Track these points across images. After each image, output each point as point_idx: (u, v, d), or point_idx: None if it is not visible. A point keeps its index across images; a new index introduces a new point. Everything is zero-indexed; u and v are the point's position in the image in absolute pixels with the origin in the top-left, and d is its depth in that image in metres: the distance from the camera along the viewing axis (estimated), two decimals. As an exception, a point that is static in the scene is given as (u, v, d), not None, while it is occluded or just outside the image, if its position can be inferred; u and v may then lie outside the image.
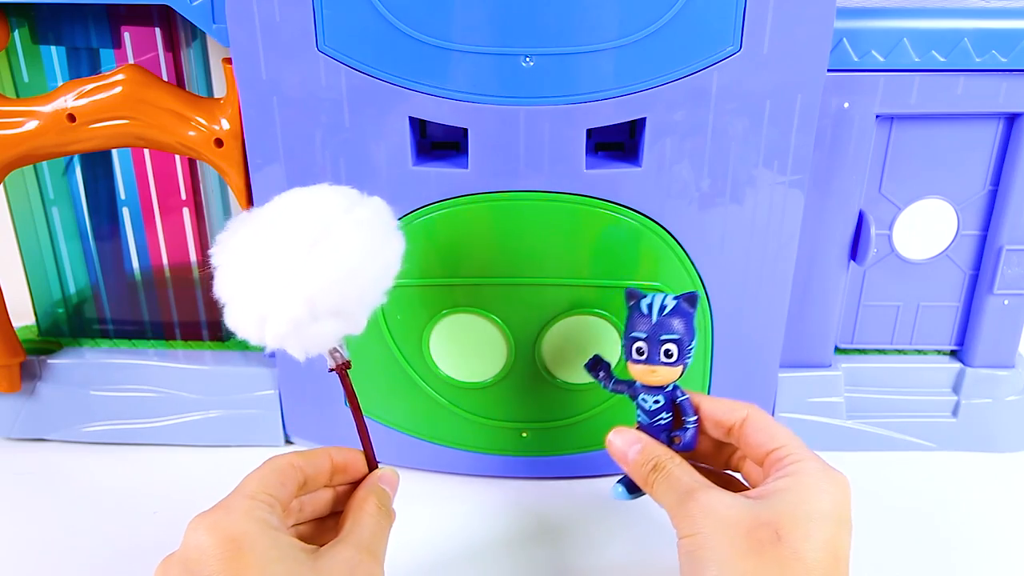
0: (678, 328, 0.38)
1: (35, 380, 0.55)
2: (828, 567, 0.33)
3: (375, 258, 0.35)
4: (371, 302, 0.36)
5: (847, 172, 0.48)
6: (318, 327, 0.34)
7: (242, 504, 0.33)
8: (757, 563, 0.32)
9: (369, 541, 0.35)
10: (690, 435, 0.40)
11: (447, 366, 0.49)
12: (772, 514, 0.34)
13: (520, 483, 0.52)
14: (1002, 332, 0.53)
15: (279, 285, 0.34)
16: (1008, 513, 0.50)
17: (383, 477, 0.39)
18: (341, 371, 0.38)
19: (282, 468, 0.36)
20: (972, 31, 0.45)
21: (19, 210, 0.55)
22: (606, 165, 0.45)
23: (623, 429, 0.41)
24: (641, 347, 0.39)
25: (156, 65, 0.51)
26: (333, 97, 0.43)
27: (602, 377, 0.43)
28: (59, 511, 0.50)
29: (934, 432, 0.55)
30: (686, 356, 0.39)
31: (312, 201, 0.36)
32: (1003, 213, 0.50)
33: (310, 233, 0.34)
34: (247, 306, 0.34)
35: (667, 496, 0.37)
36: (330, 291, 0.34)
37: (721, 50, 0.41)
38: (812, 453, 0.36)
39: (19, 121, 0.47)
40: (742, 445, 0.39)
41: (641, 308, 0.39)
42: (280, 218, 0.35)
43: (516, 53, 0.41)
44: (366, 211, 0.36)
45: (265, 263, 0.34)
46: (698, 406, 0.40)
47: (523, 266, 0.46)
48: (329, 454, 0.38)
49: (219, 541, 0.31)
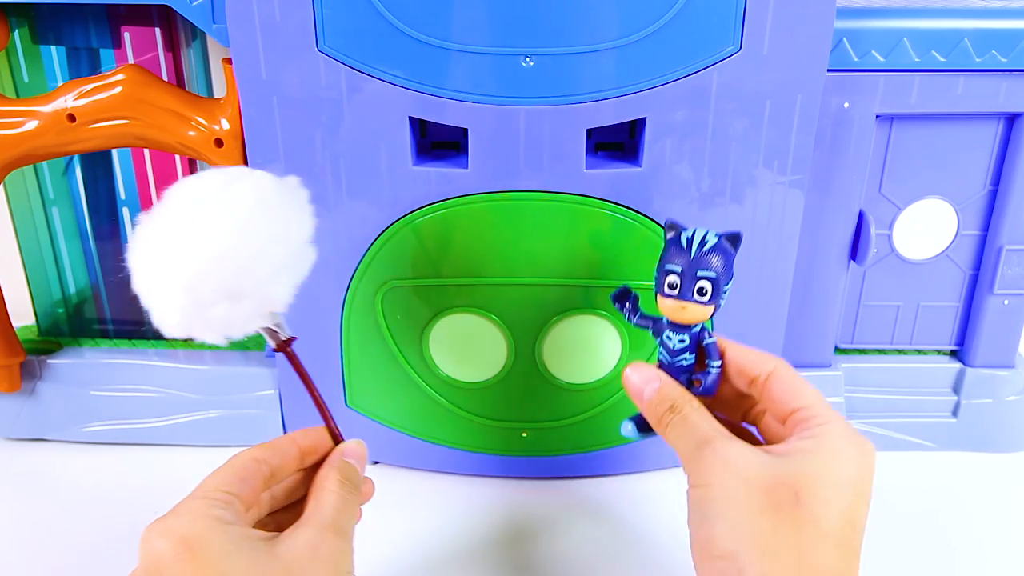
0: (716, 265, 0.36)
1: (35, 380, 0.55)
2: (844, 535, 0.32)
3: (253, 232, 0.34)
4: (274, 277, 0.35)
5: (847, 172, 0.48)
6: (216, 313, 0.33)
7: (193, 505, 0.33)
8: (772, 523, 0.31)
9: (332, 518, 0.34)
10: (712, 379, 0.37)
11: (447, 366, 0.49)
12: (793, 474, 0.32)
13: (520, 483, 0.52)
14: (1002, 332, 0.53)
15: (158, 277, 0.33)
16: (1008, 513, 0.50)
17: (347, 451, 0.38)
18: (282, 349, 0.37)
19: (243, 464, 0.35)
20: (972, 31, 0.45)
21: (19, 210, 0.55)
22: (606, 165, 0.45)
23: (641, 365, 0.38)
24: (674, 281, 0.36)
25: (156, 65, 0.51)
26: (333, 97, 0.43)
27: (627, 310, 0.40)
28: (59, 511, 0.50)
29: (934, 432, 0.55)
30: (720, 296, 0.36)
31: (188, 187, 0.35)
32: (1003, 213, 0.50)
33: (180, 219, 0.34)
34: (148, 304, 0.34)
35: (682, 441, 0.35)
36: (207, 274, 0.33)
37: (721, 50, 0.41)
38: (839, 416, 0.34)
39: (19, 121, 0.47)
40: (765, 399, 0.36)
41: (680, 241, 0.36)
42: (160, 210, 0.35)
43: (516, 53, 0.41)
44: (244, 187, 0.35)
45: (148, 260, 0.34)
46: (724, 351, 0.38)
47: (523, 266, 0.46)
48: (294, 440, 0.37)
49: (172, 544, 0.31)
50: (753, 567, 0.31)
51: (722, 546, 0.31)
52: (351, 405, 0.52)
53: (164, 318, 0.34)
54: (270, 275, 0.34)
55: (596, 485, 0.52)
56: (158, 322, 0.34)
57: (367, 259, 0.47)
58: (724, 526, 0.32)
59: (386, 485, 0.53)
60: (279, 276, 0.35)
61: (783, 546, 0.31)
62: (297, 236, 0.36)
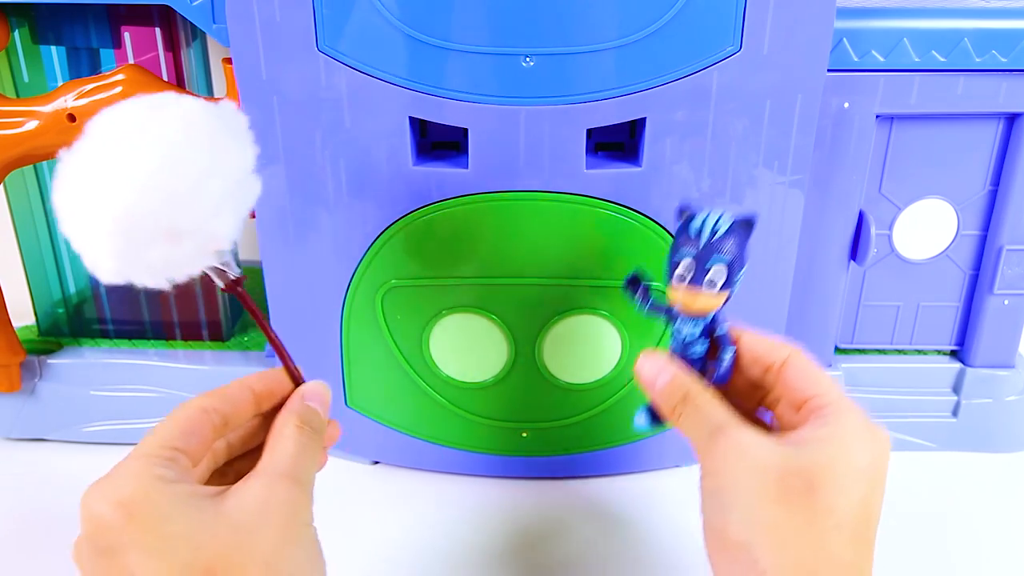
0: (729, 251, 0.34)
1: (35, 380, 0.55)
2: (859, 526, 0.31)
3: (184, 161, 0.30)
4: (215, 211, 0.31)
5: (847, 172, 0.48)
6: (156, 253, 0.31)
7: (133, 466, 0.31)
8: (786, 512, 0.30)
9: (288, 465, 0.32)
10: (725, 368, 0.36)
11: (447, 366, 0.49)
12: (807, 463, 0.31)
13: (520, 483, 0.52)
14: (1002, 332, 0.53)
15: (87, 220, 0.30)
16: (1008, 513, 0.50)
17: (307, 393, 0.36)
18: (231, 289, 0.35)
19: (188, 416, 0.33)
20: (972, 31, 0.45)
21: (19, 210, 0.55)
22: (606, 165, 0.45)
23: (653, 354, 0.37)
24: (685, 271, 0.35)
25: (156, 65, 0.51)
26: (333, 97, 0.43)
27: (639, 297, 0.39)
28: (59, 511, 0.50)
29: (934, 432, 0.55)
30: (733, 284, 0.35)
31: (109, 118, 0.32)
32: (1003, 213, 0.50)
33: (105, 154, 0.30)
34: (80, 249, 0.31)
35: (695, 430, 0.34)
36: (137, 210, 0.30)
37: (721, 50, 0.41)
38: (855, 405, 0.33)
39: (19, 121, 0.47)
40: (780, 387, 0.35)
41: (692, 226, 0.35)
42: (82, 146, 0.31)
43: (516, 53, 0.41)
44: (170, 113, 0.32)
45: (73, 199, 0.31)
46: (737, 340, 0.36)
47: (523, 266, 0.46)
48: (248, 384, 0.35)
49: (111, 508, 0.29)
50: (767, 558, 0.30)
51: (735, 536, 0.31)
52: (351, 405, 0.52)
53: (98, 262, 0.31)
54: (209, 209, 0.31)
55: (596, 485, 0.52)
56: (92, 267, 0.31)
57: (367, 259, 0.47)
58: (737, 515, 0.31)
59: (386, 485, 0.53)
60: (220, 210, 0.32)
61: (797, 536, 0.30)
62: (236, 166, 0.32)
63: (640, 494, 0.52)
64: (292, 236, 0.47)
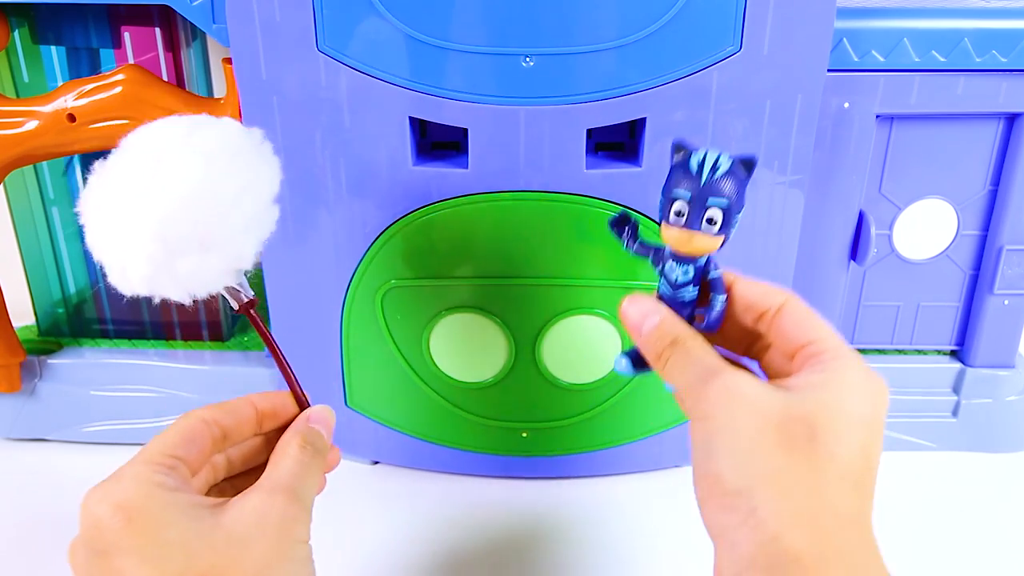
0: (729, 192, 0.32)
1: (35, 380, 0.55)
2: (861, 475, 0.30)
3: (223, 179, 0.32)
4: (243, 229, 0.33)
5: (847, 172, 0.48)
6: (186, 264, 0.32)
7: (134, 470, 0.31)
8: (787, 459, 0.29)
9: (288, 482, 0.32)
10: (716, 314, 0.34)
11: (447, 366, 0.49)
12: (807, 409, 0.30)
13: (520, 483, 0.52)
14: (1002, 332, 0.53)
15: (124, 226, 0.31)
16: (1008, 513, 0.50)
17: (313, 416, 0.36)
18: (245, 311, 0.36)
19: (189, 426, 0.33)
20: (972, 31, 0.45)
21: (19, 210, 0.55)
22: (606, 165, 0.45)
23: (639, 297, 0.35)
24: (681, 208, 0.33)
25: (156, 65, 0.51)
26: (333, 97, 0.43)
27: (626, 236, 0.37)
28: (59, 511, 0.50)
29: (934, 432, 0.55)
30: (731, 226, 0.33)
31: (150, 134, 0.33)
32: (1003, 213, 0.50)
33: (147, 165, 0.32)
34: (108, 257, 0.32)
35: (684, 375, 0.32)
36: (176, 218, 0.31)
37: (721, 50, 0.41)
38: (853, 351, 0.32)
39: (19, 121, 0.47)
40: (774, 334, 0.34)
41: (690, 164, 0.33)
42: (120, 158, 0.33)
43: (516, 53, 0.41)
44: (211, 133, 0.33)
45: (109, 210, 0.32)
46: (730, 285, 0.35)
47: (523, 266, 0.46)
48: (252, 402, 0.36)
49: (110, 511, 0.30)
50: (767, 505, 0.29)
51: (732, 482, 0.29)
52: (351, 405, 0.52)
53: (129, 270, 0.32)
54: (239, 227, 0.33)
55: (596, 485, 0.52)
56: (120, 278, 0.32)
57: (367, 259, 0.47)
58: (734, 461, 0.30)
59: (386, 485, 0.53)
60: (248, 229, 0.33)
61: (798, 484, 0.29)
62: (267, 189, 0.34)
63: (640, 494, 0.52)
64: (292, 236, 0.47)
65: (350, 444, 0.52)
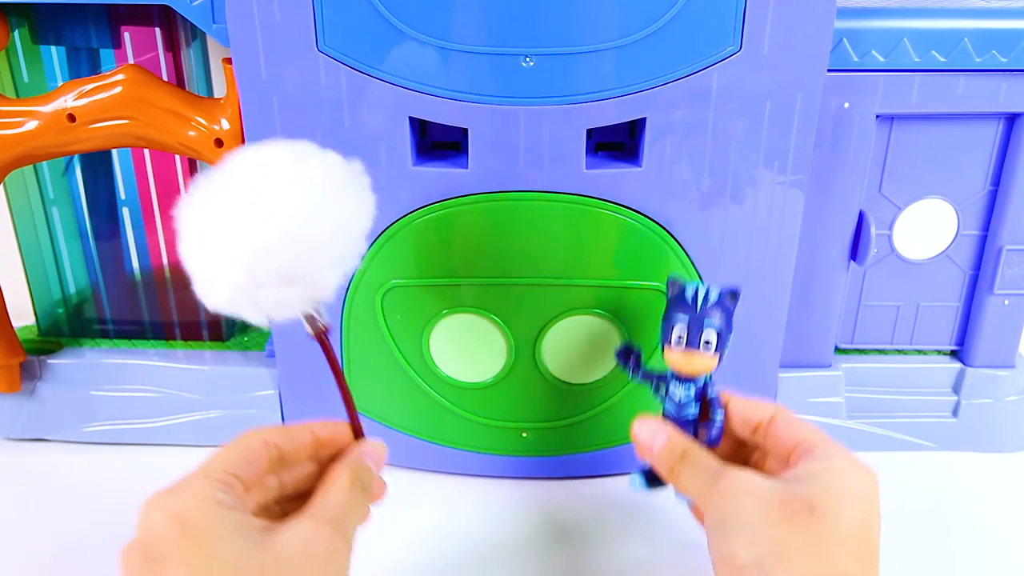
0: (720, 318, 0.38)
1: (35, 380, 0.55)
2: (861, 543, 0.33)
3: (322, 218, 0.33)
4: (329, 265, 0.34)
5: (847, 172, 0.48)
6: (269, 293, 0.32)
7: (194, 483, 0.32)
8: (790, 530, 0.32)
9: (335, 514, 0.34)
10: (717, 430, 0.39)
11: (447, 366, 0.49)
12: (805, 489, 0.34)
13: (520, 483, 0.52)
14: (1002, 332, 0.53)
15: (218, 250, 0.32)
16: (1008, 513, 0.50)
17: (366, 450, 0.38)
18: (319, 337, 0.37)
19: (250, 445, 0.34)
20: (972, 31, 0.45)
21: (19, 210, 0.55)
22: (606, 165, 0.45)
23: (647, 419, 0.40)
24: (682, 333, 0.39)
25: (156, 65, 0.51)
26: (333, 97, 0.43)
27: (632, 366, 0.42)
28: (59, 511, 0.50)
29: (934, 432, 0.55)
30: (724, 348, 0.39)
31: (257, 159, 0.34)
32: (1003, 213, 0.50)
33: (249, 193, 0.32)
34: (198, 272, 0.33)
35: (695, 481, 0.37)
36: (270, 254, 0.32)
37: (721, 50, 0.41)
38: (842, 447, 0.36)
39: (19, 121, 0.47)
40: (769, 441, 0.38)
41: (685, 295, 0.39)
42: (225, 179, 0.33)
43: (516, 53, 0.41)
44: (315, 166, 0.34)
45: (206, 228, 0.33)
46: (726, 403, 0.40)
47: (523, 266, 0.46)
48: (311, 428, 0.37)
49: (168, 520, 0.30)
50: (776, 572, 0.32)
51: (745, 558, 0.33)
52: (351, 405, 0.52)
53: (213, 292, 0.33)
54: (326, 263, 0.33)
55: (596, 485, 0.52)
56: (203, 292, 0.33)
57: (367, 259, 0.47)
58: (745, 539, 0.33)
59: (386, 485, 0.53)
60: (335, 265, 0.34)
61: (803, 552, 0.32)
62: (360, 227, 0.35)
63: (640, 494, 0.52)
64: (292, 236, 0.47)
65: (350, 444, 0.52)
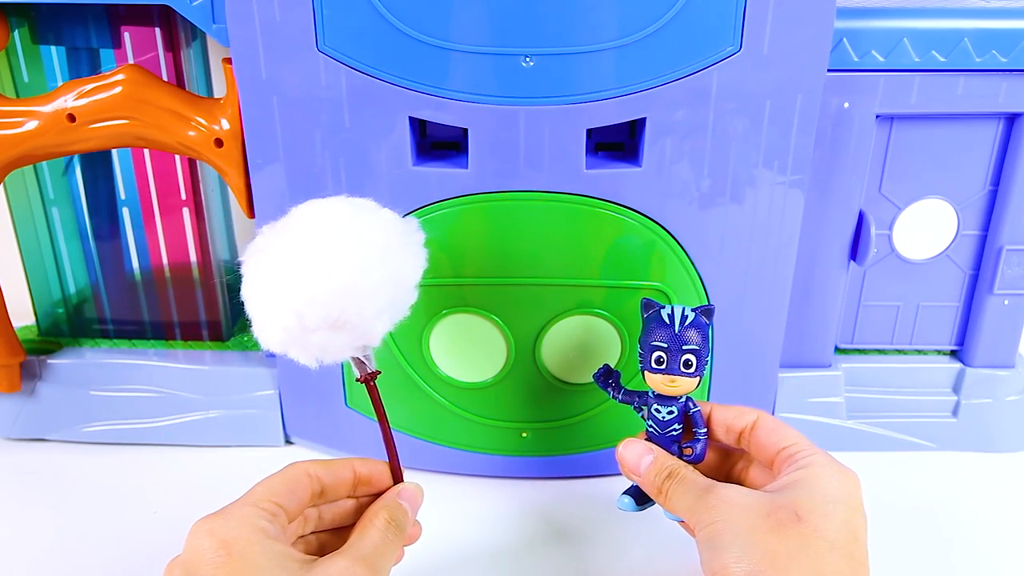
0: (698, 339, 0.39)
1: (35, 380, 0.55)
2: (848, 545, 0.34)
3: (372, 271, 0.35)
4: (378, 315, 0.36)
5: (847, 172, 0.48)
6: (317, 338, 0.34)
7: (241, 511, 0.34)
8: (779, 540, 0.33)
9: (370, 553, 0.35)
10: (701, 447, 0.40)
11: (447, 366, 0.49)
12: (790, 500, 0.35)
13: (520, 483, 0.52)
14: (1002, 332, 0.53)
15: (271, 295, 0.34)
16: (1008, 513, 0.50)
17: (403, 492, 0.39)
18: (366, 381, 0.38)
19: (295, 477, 0.36)
20: (972, 31, 0.45)
21: (19, 210, 0.55)
22: (606, 165, 0.45)
23: (632, 441, 0.41)
24: (661, 357, 0.39)
25: (156, 65, 0.51)
26: (333, 97, 0.43)
27: (611, 387, 0.43)
28: (59, 511, 0.50)
29: (934, 432, 0.55)
30: (703, 367, 0.39)
31: (317, 213, 0.36)
32: (1003, 213, 0.50)
33: (305, 245, 0.35)
34: (254, 314, 0.35)
35: (684, 498, 0.37)
36: (321, 304, 0.34)
37: (721, 50, 0.41)
38: (822, 450, 0.37)
39: (19, 121, 0.47)
40: (752, 448, 0.39)
41: (662, 318, 0.39)
42: (286, 229, 0.36)
43: (516, 53, 0.41)
44: (369, 222, 0.36)
45: (264, 274, 0.35)
46: (708, 417, 0.41)
47: (523, 266, 0.46)
48: (352, 465, 0.38)
49: (214, 545, 0.32)
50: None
51: (737, 572, 0.33)
52: (351, 405, 0.52)
53: (266, 334, 0.35)
54: (374, 312, 0.35)
55: (596, 485, 0.52)
56: (258, 334, 0.35)
57: (367, 259, 0.47)
58: (735, 552, 0.33)
59: (386, 485, 0.53)
60: (382, 314, 0.36)
61: (794, 559, 0.33)
62: (410, 278, 0.37)
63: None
64: (292, 236, 0.47)
65: (350, 445, 0.52)
